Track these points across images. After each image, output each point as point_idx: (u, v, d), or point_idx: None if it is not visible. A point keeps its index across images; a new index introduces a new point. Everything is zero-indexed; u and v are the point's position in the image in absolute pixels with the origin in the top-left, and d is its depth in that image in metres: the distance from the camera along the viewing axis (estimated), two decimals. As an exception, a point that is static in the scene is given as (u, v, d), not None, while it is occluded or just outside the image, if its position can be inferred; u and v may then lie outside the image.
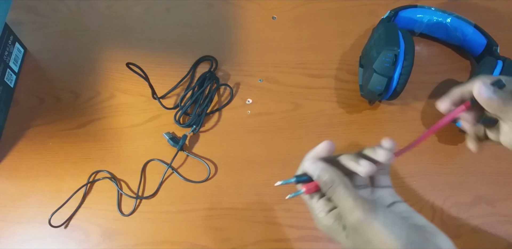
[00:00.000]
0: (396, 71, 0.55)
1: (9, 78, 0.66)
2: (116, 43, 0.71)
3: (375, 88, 0.56)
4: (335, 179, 0.34)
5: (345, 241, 0.34)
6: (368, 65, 0.58)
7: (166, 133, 0.62)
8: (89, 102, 0.66)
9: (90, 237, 0.57)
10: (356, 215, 0.31)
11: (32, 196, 0.60)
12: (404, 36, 0.57)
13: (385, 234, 0.30)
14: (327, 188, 0.34)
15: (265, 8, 0.73)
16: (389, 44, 0.55)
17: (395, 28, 0.58)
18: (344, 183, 0.34)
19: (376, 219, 0.31)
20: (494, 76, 0.41)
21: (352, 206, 0.32)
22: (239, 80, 0.67)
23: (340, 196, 0.33)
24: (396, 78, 0.56)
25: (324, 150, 0.37)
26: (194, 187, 0.60)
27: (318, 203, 0.37)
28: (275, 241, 0.56)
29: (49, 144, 0.64)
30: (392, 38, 0.56)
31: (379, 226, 0.31)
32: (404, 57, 0.55)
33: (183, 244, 0.56)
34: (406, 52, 0.55)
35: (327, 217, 0.35)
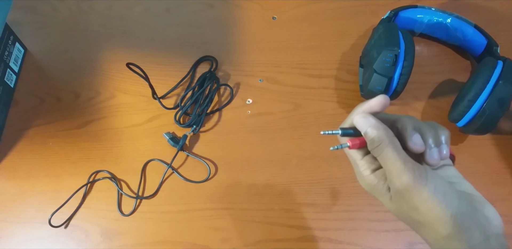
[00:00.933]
0: (396, 71, 0.55)
1: (9, 78, 0.66)
2: (116, 43, 0.71)
3: (375, 88, 0.56)
4: (384, 138, 0.31)
5: (389, 203, 0.32)
6: (368, 65, 0.58)
7: (166, 133, 0.62)
8: (89, 102, 0.66)
9: (90, 237, 0.57)
10: (404, 180, 0.29)
11: (32, 196, 0.60)
12: (404, 37, 0.57)
13: (435, 203, 0.29)
14: (374, 146, 0.32)
15: (265, 8, 0.73)
16: (389, 44, 0.55)
17: (395, 28, 0.57)
18: (393, 144, 0.31)
19: (427, 187, 0.29)
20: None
21: (400, 170, 0.30)
22: (239, 80, 0.67)
23: (388, 158, 0.31)
24: (396, 78, 0.56)
25: (378, 104, 0.34)
26: (194, 187, 0.60)
27: (363, 160, 0.34)
28: (275, 241, 0.56)
29: (49, 144, 0.64)
30: (392, 38, 0.56)
31: (429, 194, 0.29)
32: (404, 57, 0.55)
33: (183, 244, 0.57)
34: (406, 52, 0.55)
35: (372, 176, 0.33)
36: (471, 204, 0.31)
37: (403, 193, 0.30)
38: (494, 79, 0.54)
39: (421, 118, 0.63)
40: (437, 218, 0.29)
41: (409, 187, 0.29)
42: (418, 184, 0.29)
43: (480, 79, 0.54)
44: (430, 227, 0.30)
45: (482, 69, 0.56)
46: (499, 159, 0.60)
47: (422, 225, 0.31)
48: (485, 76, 0.54)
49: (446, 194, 0.30)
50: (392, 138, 0.32)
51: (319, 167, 0.60)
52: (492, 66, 0.56)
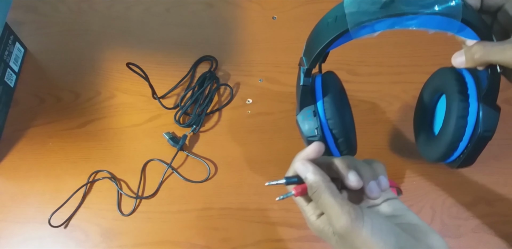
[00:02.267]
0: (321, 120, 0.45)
1: (9, 78, 0.66)
2: (116, 43, 0.71)
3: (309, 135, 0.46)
4: (320, 183, 0.33)
5: (335, 245, 0.33)
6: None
7: (166, 133, 0.62)
8: (89, 102, 0.66)
9: (90, 237, 0.57)
10: (342, 224, 0.30)
11: (32, 196, 0.60)
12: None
13: (373, 242, 0.30)
14: (312, 192, 0.33)
15: (265, 8, 0.73)
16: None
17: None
18: (329, 189, 0.32)
19: (364, 228, 0.30)
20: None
21: (337, 214, 0.31)
22: (239, 80, 0.67)
23: (326, 203, 0.32)
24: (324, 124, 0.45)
25: (314, 152, 0.36)
26: (194, 187, 0.60)
27: (308, 206, 0.36)
28: (275, 241, 0.56)
29: (49, 144, 0.64)
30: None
31: (367, 235, 0.30)
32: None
33: (183, 244, 0.56)
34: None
35: (317, 221, 0.35)
36: (414, 236, 0.31)
37: (344, 235, 0.31)
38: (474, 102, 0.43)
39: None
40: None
41: (348, 229, 0.30)
42: (355, 226, 0.30)
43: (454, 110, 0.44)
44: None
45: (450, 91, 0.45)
46: (499, 159, 0.60)
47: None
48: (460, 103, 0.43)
49: (383, 232, 0.30)
50: (328, 183, 0.33)
51: (319, 167, 0.60)
52: (459, 83, 0.45)
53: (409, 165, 0.59)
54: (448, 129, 0.44)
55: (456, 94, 0.44)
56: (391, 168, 0.59)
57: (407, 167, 0.59)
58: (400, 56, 0.67)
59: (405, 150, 0.60)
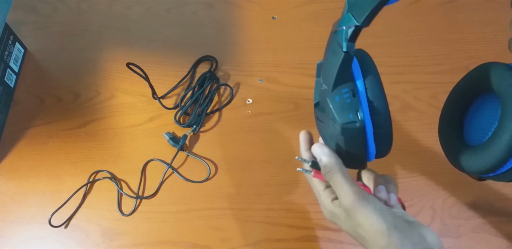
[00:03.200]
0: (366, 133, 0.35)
1: (9, 78, 0.66)
2: (116, 43, 0.71)
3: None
4: (334, 165, 0.37)
5: (344, 224, 0.38)
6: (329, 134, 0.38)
7: (166, 133, 0.62)
8: (89, 102, 0.66)
9: (90, 237, 0.57)
10: (350, 200, 0.35)
11: (32, 196, 0.60)
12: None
13: (374, 219, 0.34)
14: (326, 171, 0.37)
15: (265, 8, 0.73)
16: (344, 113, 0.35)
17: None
18: (342, 171, 0.37)
19: (368, 206, 0.34)
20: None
21: (347, 192, 0.35)
22: (239, 80, 0.67)
23: (338, 181, 0.36)
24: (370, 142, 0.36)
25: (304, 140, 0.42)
26: (194, 187, 0.60)
27: (325, 191, 0.40)
28: (275, 241, 0.56)
29: (49, 144, 0.64)
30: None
31: (369, 212, 0.34)
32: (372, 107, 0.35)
33: (183, 244, 0.57)
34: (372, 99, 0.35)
35: (331, 204, 0.39)
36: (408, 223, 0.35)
37: (350, 211, 0.35)
38: None
39: (421, 118, 0.63)
40: (376, 232, 0.34)
41: (354, 205, 0.35)
42: (361, 204, 0.34)
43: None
44: (372, 241, 0.35)
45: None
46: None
47: (366, 240, 0.35)
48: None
49: (383, 212, 0.35)
50: (341, 166, 0.37)
51: (319, 167, 0.60)
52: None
53: (409, 165, 0.60)
54: (505, 134, 0.34)
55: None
56: (391, 168, 0.59)
57: (407, 167, 0.59)
58: (400, 56, 0.67)
59: (406, 150, 0.60)
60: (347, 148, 0.37)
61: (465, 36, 0.69)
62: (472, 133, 0.41)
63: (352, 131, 0.35)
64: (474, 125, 0.41)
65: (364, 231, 0.35)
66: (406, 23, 0.70)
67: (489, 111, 0.39)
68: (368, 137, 0.36)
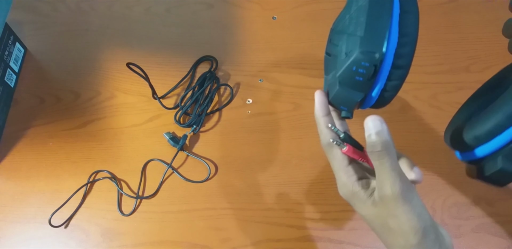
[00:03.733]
0: (376, 85, 0.35)
1: (9, 78, 0.66)
2: (116, 43, 0.71)
3: (338, 105, 0.38)
4: (388, 146, 0.32)
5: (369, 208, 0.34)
6: (334, 62, 0.36)
7: (166, 133, 0.62)
8: (89, 102, 0.66)
9: (90, 237, 0.57)
10: (396, 190, 0.32)
11: (32, 196, 0.60)
12: (403, 17, 0.33)
13: (415, 215, 0.32)
14: (375, 150, 0.32)
15: (265, 8, 0.73)
16: (367, 43, 0.32)
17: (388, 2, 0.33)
18: (393, 155, 0.32)
19: (412, 201, 0.32)
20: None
21: (394, 180, 0.32)
22: (239, 80, 0.67)
23: (387, 166, 0.32)
24: (376, 92, 0.36)
25: (320, 103, 0.37)
26: (194, 187, 0.60)
27: (349, 167, 0.36)
28: (275, 241, 0.56)
29: (49, 144, 0.64)
30: (377, 28, 0.32)
31: (412, 207, 0.32)
32: (398, 54, 0.33)
33: (183, 244, 0.57)
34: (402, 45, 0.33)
35: (356, 183, 0.35)
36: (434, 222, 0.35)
37: (390, 201, 0.32)
38: None
39: (421, 118, 0.63)
40: (412, 228, 0.32)
41: (398, 196, 0.32)
42: (406, 196, 0.32)
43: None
44: (402, 235, 0.33)
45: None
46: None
47: (394, 233, 0.33)
48: None
49: (423, 209, 0.33)
50: (393, 149, 0.33)
51: (319, 167, 0.60)
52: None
53: (409, 165, 0.59)
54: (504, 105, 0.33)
55: None
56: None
57: (407, 167, 0.59)
58: (400, 56, 0.67)
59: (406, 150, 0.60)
60: (368, 17, 0.32)
61: (465, 36, 0.69)
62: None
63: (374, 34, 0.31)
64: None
65: (397, 224, 0.32)
66: (406, 23, 0.70)
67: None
68: (384, 68, 0.32)
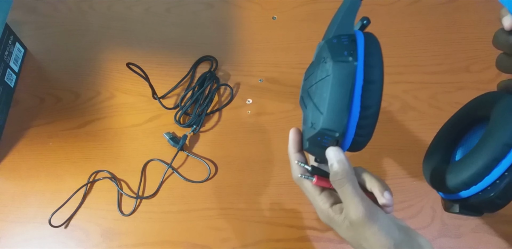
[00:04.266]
0: (343, 148, 0.35)
1: (9, 78, 0.66)
2: (116, 43, 0.71)
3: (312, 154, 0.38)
4: (347, 174, 0.35)
5: (344, 232, 0.36)
6: (305, 119, 0.37)
7: (166, 133, 0.62)
8: (89, 102, 0.66)
9: (90, 237, 0.57)
10: (360, 215, 0.34)
11: (32, 196, 0.60)
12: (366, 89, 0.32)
13: (382, 235, 0.34)
14: (336, 179, 0.35)
15: (265, 8, 0.73)
16: (329, 122, 0.33)
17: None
18: (353, 181, 0.35)
19: (377, 222, 0.34)
20: None
21: (357, 206, 0.34)
22: (239, 80, 0.67)
23: (348, 193, 0.34)
24: (345, 148, 0.35)
25: (294, 142, 0.39)
26: (194, 187, 0.60)
27: (321, 195, 0.38)
28: (275, 241, 0.56)
29: (49, 144, 0.64)
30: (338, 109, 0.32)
31: (378, 228, 0.34)
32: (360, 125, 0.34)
33: (183, 244, 0.57)
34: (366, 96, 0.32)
35: (330, 209, 0.37)
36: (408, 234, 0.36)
37: (357, 225, 0.34)
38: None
39: (421, 118, 0.63)
40: (382, 248, 0.34)
41: (363, 220, 0.34)
42: (370, 220, 0.34)
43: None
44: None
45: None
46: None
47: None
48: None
49: (391, 227, 0.35)
50: (353, 176, 0.35)
51: (319, 167, 0.60)
52: None
53: (409, 165, 0.59)
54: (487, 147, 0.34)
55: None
56: (391, 168, 0.59)
57: (407, 167, 0.59)
58: (400, 56, 0.67)
59: (406, 150, 0.60)
60: (330, 96, 0.32)
61: (465, 36, 0.69)
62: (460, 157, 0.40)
63: (342, 69, 0.31)
64: (464, 151, 0.41)
65: (369, 245, 0.34)
66: (406, 23, 0.70)
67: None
68: (356, 89, 0.31)
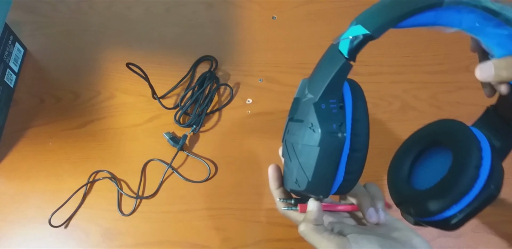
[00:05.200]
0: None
1: (9, 78, 0.66)
2: (116, 43, 0.71)
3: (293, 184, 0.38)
4: (310, 226, 0.38)
5: None
6: (287, 169, 0.40)
7: (166, 133, 0.62)
8: (89, 102, 0.66)
9: (90, 237, 0.57)
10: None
11: (32, 196, 0.60)
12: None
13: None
14: (302, 229, 0.39)
15: (265, 8, 0.73)
16: (314, 188, 0.36)
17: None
18: (316, 229, 0.38)
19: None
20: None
21: (327, 246, 0.36)
22: (239, 80, 0.67)
23: (315, 239, 0.37)
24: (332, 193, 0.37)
25: (273, 179, 0.43)
26: (194, 187, 0.60)
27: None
28: (275, 241, 0.56)
29: (49, 144, 0.64)
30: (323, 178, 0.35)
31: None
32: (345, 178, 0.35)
33: (183, 244, 0.57)
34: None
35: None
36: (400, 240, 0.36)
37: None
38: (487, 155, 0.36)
39: (421, 118, 0.63)
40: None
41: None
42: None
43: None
44: None
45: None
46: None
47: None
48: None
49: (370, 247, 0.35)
50: (317, 225, 0.38)
51: (319, 167, 0.60)
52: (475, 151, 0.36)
53: (409, 165, 0.59)
54: (454, 178, 0.36)
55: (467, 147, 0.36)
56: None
57: (407, 167, 0.59)
58: (400, 55, 0.67)
59: (405, 150, 0.60)
60: (316, 166, 0.34)
61: (465, 36, 0.68)
62: (419, 179, 0.42)
63: (331, 143, 0.33)
64: (422, 172, 0.42)
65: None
66: (406, 23, 0.70)
67: (439, 161, 0.40)
68: (341, 162, 0.34)
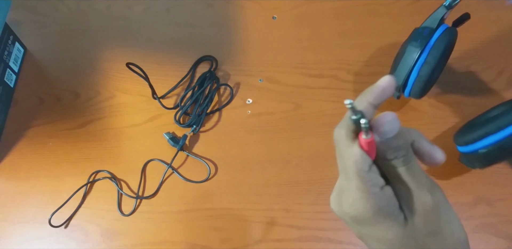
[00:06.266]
0: (414, 69, 0.53)
1: (9, 78, 0.66)
2: (116, 43, 0.71)
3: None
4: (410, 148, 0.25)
5: (401, 226, 0.26)
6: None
7: (166, 133, 0.62)
8: (89, 102, 0.66)
9: (90, 237, 0.57)
10: (437, 195, 0.24)
11: (32, 196, 0.60)
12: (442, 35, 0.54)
13: (458, 224, 0.25)
14: (400, 154, 0.25)
15: (265, 8, 0.73)
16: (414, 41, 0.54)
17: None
18: (415, 157, 0.26)
19: (450, 210, 0.25)
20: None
21: (431, 185, 0.25)
22: (239, 80, 0.67)
23: (418, 170, 0.25)
24: (413, 76, 0.54)
25: (389, 86, 0.27)
26: (194, 187, 0.60)
27: (371, 172, 0.26)
28: (275, 241, 0.56)
29: (49, 144, 0.64)
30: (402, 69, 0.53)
31: (453, 217, 0.25)
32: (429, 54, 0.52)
33: (183, 244, 0.57)
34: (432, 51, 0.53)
35: (380, 193, 0.26)
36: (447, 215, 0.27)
37: (430, 212, 0.25)
38: None
39: (421, 118, 0.63)
40: (457, 243, 0.24)
41: (441, 203, 0.25)
42: (447, 201, 0.25)
43: None
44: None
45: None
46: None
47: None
48: None
49: (455, 224, 0.26)
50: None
51: (319, 167, 0.60)
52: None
53: (409, 165, 0.59)
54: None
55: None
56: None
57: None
58: (400, 56, 0.67)
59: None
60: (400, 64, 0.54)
61: (465, 36, 0.69)
62: None
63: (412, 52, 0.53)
64: None
65: (440, 242, 0.25)
66: (406, 23, 0.70)
67: None
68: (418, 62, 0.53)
